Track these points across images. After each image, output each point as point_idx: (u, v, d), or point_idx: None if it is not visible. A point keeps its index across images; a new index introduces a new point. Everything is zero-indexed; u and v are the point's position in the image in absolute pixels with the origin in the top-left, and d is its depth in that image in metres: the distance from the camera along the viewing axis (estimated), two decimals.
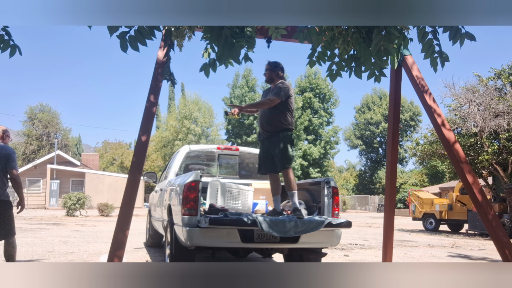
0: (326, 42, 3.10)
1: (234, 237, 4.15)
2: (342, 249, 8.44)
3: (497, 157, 12.90)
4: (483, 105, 12.84)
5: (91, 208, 23.00)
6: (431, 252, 8.66)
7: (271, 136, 4.62)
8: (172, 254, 4.61)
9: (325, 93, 35.08)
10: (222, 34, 2.77)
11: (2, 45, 2.95)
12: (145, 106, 3.80)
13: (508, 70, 13.87)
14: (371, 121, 45.59)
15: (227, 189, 4.96)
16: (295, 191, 4.48)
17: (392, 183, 4.64)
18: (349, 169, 58.28)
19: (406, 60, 4.12)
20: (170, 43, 3.65)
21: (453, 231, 15.66)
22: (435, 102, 4.01)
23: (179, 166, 6.08)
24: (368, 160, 48.14)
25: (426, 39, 2.98)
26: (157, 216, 6.42)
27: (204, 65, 3.01)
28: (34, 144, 46.12)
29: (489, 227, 3.71)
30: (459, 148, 3.87)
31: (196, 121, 37.23)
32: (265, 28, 3.80)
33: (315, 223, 4.20)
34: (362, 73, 3.17)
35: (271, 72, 4.76)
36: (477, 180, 3.85)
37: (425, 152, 15.30)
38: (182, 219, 4.09)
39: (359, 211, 39.12)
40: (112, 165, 50.12)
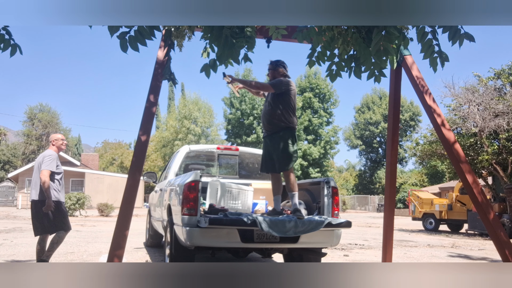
0: (326, 42, 3.10)
1: (234, 237, 4.15)
2: (342, 249, 8.44)
3: (497, 157, 12.90)
4: (483, 105, 12.85)
5: (91, 208, 23.00)
6: (431, 252, 8.66)
7: (272, 134, 4.61)
8: (172, 254, 4.61)
9: (325, 93, 35.07)
10: (222, 34, 2.77)
11: (3, 45, 2.95)
12: (145, 106, 3.81)
13: (508, 70, 13.88)
14: (370, 121, 45.58)
15: (227, 189, 4.96)
16: (295, 192, 4.47)
17: (392, 183, 4.64)
18: (349, 169, 58.28)
19: (405, 60, 4.12)
20: (170, 43, 3.65)
21: (453, 231, 15.66)
22: (435, 102, 4.01)
23: (179, 166, 6.08)
24: (367, 160, 48.14)
25: (425, 39, 2.98)
26: (157, 216, 6.42)
27: (205, 66, 3.01)
28: (34, 144, 46.11)
29: (489, 227, 3.71)
30: (459, 148, 3.87)
31: (196, 121, 37.22)
32: (265, 28, 3.81)
33: (315, 223, 4.20)
34: (362, 73, 3.17)
35: (274, 71, 4.73)
36: (477, 180, 3.85)
37: (425, 152, 15.30)
38: (182, 219, 4.09)
39: (359, 211, 39.12)
40: (112, 165, 50.12)
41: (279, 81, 4.57)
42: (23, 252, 6.77)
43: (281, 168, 4.54)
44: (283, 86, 4.57)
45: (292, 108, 4.62)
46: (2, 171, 47.04)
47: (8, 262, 5.86)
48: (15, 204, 33.32)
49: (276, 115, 4.55)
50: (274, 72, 4.73)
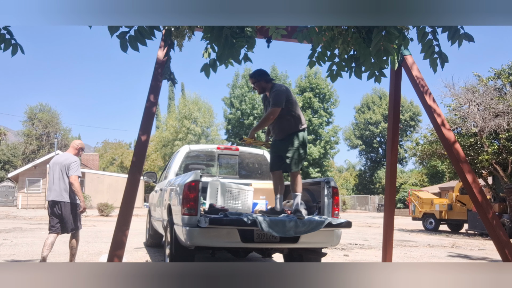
0: (326, 42, 3.09)
1: (234, 237, 4.15)
2: (342, 249, 8.44)
3: (497, 157, 12.90)
4: (483, 105, 12.84)
5: (91, 208, 22.99)
6: (431, 252, 8.66)
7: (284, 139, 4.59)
8: (172, 254, 4.61)
9: (325, 93, 35.08)
10: (222, 34, 2.77)
11: (4, 44, 2.95)
12: (145, 106, 3.81)
13: (508, 70, 13.87)
14: (371, 121, 45.58)
15: (227, 189, 4.96)
16: (299, 194, 4.48)
17: (392, 183, 4.64)
18: (349, 169, 58.26)
19: (406, 60, 4.12)
20: (170, 43, 3.65)
21: (453, 231, 15.66)
22: (435, 102, 4.01)
23: (179, 166, 6.08)
24: (368, 160, 48.14)
25: (426, 39, 2.98)
26: (157, 216, 6.42)
27: (205, 66, 3.01)
28: (34, 144, 46.12)
29: (489, 227, 3.72)
30: (459, 148, 3.87)
31: (196, 121, 37.21)
32: (265, 28, 3.81)
33: (315, 223, 4.20)
34: (362, 73, 3.17)
35: (258, 83, 4.65)
36: (477, 180, 3.86)
37: (425, 152, 15.30)
38: (182, 219, 4.09)
39: (359, 211, 39.12)
40: (112, 165, 50.14)
41: (276, 96, 4.46)
42: (23, 252, 6.77)
43: (294, 167, 4.51)
44: (283, 98, 4.48)
45: (296, 109, 4.58)
46: (2, 171, 47.05)
47: (8, 262, 5.86)
48: (15, 204, 33.34)
49: (287, 124, 4.53)
50: (259, 84, 4.64)
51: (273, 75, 34.48)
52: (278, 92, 4.51)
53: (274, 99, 4.48)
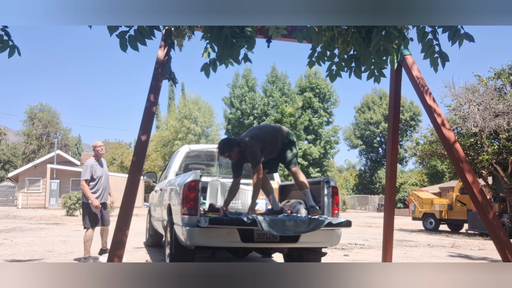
0: (326, 42, 3.09)
1: (234, 237, 4.15)
2: (342, 249, 8.44)
3: (497, 157, 12.90)
4: (483, 105, 12.84)
5: None
6: (431, 252, 8.66)
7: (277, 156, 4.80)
8: (172, 254, 4.61)
9: (325, 93, 35.08)
10: (222, 34, 2.77)
11: (1, 45, 2.94)
12: (145, 106, 3.81)
13: (508, 70, 13.87)
14: (371, 121, 45.57)
15: (227, 189, 4.96)
16: (307, 189, 4.56)
17: (392, 183, 4.64)
18: (349, 169, 58.25)
19: (406, 60, 4.12)
20: (170, 43, 3.65)
21: (453, 231, 15.66)
22: (435, 102, 4.01)
23: (179, 166, 6.08)
24: (368, 160, 48.12)
25: (426, 39, 2.98)
26: (157, 216, 6.42)
27: (205, 65, 3.01)
28: (34, 144, 46.13)
29: (489, 227, 3.71)
30: (459, 148, 3.87)
31: (196, 121, 37.20)
32: (265, 28, 3.80)
33: (315, 223, 4.20)
34: (362, 73, 3.17)
35: (230, 153, 4.50)
36: (477, 180, 3.85)
37: (425, 152, 15.29)
38: (182, 218, 4.09)
39: (359, 211, 39.12)
40: (112, 165, 50.10)
41: (252, 155, 4.44)
42: (23, 252, 6.77)
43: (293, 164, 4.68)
44: (258, 152, 4.46)
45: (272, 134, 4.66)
46: (2, 170, 47.07)
47: (8, 262, 5.86)
48: (15, 204, 33.33)
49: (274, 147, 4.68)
50: (231, 153, 4.50)
51: (273, 75, 34.50)
52: (251, 150, 4.46)
53: (251, 157, 4.46)
